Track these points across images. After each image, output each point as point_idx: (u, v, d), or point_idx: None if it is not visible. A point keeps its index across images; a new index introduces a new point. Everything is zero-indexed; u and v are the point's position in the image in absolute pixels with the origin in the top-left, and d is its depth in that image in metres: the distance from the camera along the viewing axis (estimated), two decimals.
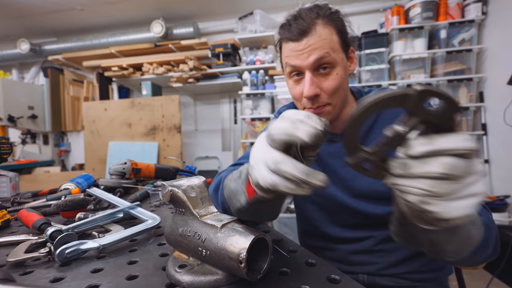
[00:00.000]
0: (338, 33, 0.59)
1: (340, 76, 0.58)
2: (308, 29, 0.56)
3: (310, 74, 0.57)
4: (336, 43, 0.58)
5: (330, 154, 0.68)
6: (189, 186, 0.42)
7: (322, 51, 0.56)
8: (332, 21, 0.58)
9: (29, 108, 2.99)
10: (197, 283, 0.35)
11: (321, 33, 0.56)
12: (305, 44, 0.56)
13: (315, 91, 0.57)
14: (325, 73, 0.58)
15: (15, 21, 2.98)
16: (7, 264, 0.44)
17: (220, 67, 2.59)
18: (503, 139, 2.03)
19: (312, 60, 0.56)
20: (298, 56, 0.57)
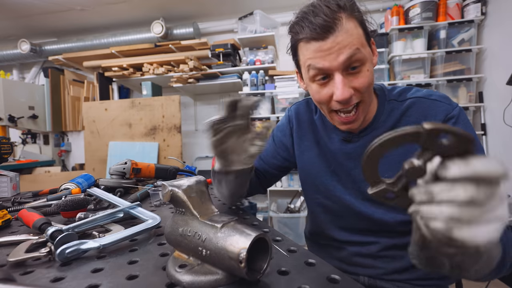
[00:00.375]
0: (361, 25, 0.53)
1: (370, 72, 0.53)
2: (334, 25, 0.49)
3: (341, 76, 0.51)
4: (362, 37, 0.52)
5: (345, 154, 0.65)
6: (189, 186, 0.42)
7: (352, 48, 0.49)
8: (354, 12, 0.51)
9: (29, 108, 2.99)
10: (197, 283, 0.35)
11: (347, 28, 0.49)
12: (332, 42, 0.49)
13: (349, 93, 0.51)
14: (356, 71, 0.52)
15: (15, 21, 2.98)
16: (7, 264, 0.44)
17: (220, 67, 2.59)
18: (503, 139, 2.03)
19: (342, 60, 0.50)
20: (325, 56, 0.50)
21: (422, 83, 2.23)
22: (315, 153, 0.72)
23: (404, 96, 0.62)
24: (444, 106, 0.57)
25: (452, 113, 0.55)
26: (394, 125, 0.61)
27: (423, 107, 0.58)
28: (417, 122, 0.58)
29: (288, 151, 0.79)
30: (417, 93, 0.61)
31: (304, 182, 0.77)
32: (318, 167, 0.71)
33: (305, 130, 0.74)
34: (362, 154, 0.59)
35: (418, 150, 0.29)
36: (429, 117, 0.57)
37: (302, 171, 0.76)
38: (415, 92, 0.61)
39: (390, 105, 0.62)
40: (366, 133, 0.63)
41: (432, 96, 0.59)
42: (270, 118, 2.48)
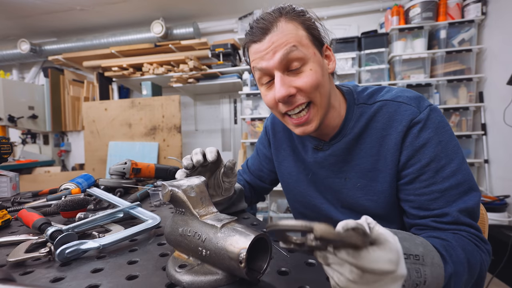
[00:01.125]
0: (306, 29, 0.53)
1: (315, 71, 0.52)
2: (270, 26, 0.51)
3: (279, 74, 0.52)
4: (303, 37, 0.52)
5: (317, 163, 0.65)
6: (189, 186, 0.42)
7: (287, 46, 0.50)
8: (297, 17, 0.53)
9: (29, 108, 2.99)
10: (197, 283, 0.35)
11: (284, 29, 0.51)
12: (268, 42, 0.51)
13: (287, 90, 0.51)
14: (297, 71, 0.52)
15: (15, 21, 2.98)
16: (7, 264, 0.44)
17: (220, 67, 2.59)
18: (503, 139, 2.03)
19: (278, 58, 0.50)
20: (263, 56, 0.52)
21: (422, 83, 2.22)
22: (292, 162, 0.72)
23: (374, 98, 0.59)
24: (410, 110, 0.52)
25: (419, 117, 0.51)
26: (361, 131, 0.58)
27: (390, 111, 0.55)
28: (384, 128, 0.55)
29: (271, 163, 0.80)
30: (386, 94, 0.57)
31: (285, 191, 0.77)
32: (296, 176, 0.71)
33: (281, 140, 0.74)
34: (334, 163, 0.58)
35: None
36: (395, 122, 0.53)
37: (282, 181, 0.77)
38: (385, 94, 0.58)
39: (359, 109, 0.59)
40: (336, 141, 0.61)
41: (399, 98, 0.55)
42: None
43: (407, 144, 0.52)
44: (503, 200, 1.91)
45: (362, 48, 2.36)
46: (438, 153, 0.49)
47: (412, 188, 0.52)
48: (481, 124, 2.19)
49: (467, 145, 2.22)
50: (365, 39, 2.35)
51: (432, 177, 0.49)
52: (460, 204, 0.47)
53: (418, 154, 0.51)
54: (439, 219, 0.48)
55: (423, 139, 0.50)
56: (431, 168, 0.49)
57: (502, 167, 2.06)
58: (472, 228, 0.47)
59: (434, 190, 0.49)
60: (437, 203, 0.49)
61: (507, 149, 1.99)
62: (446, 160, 0.49)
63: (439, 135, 0.50)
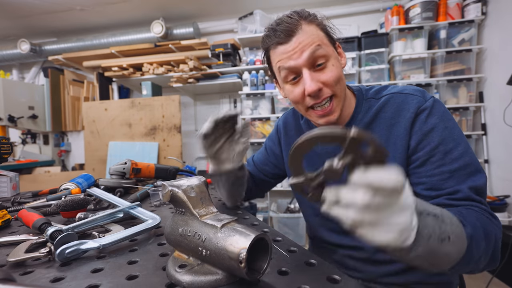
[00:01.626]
0: (323, 29, 0.59)
1: (336, 66, 0.58)
2: (295, 28, 0.56)
3: (308, 71, 0.57)
4: (323, 37, 0.58)
5: (328, 154, 0.68)
6: (189, 186, 0.42)
7: (314, 45, 0.55)
8: (313, 20, 0.59)
9: (29, 108, 2.99)
10: (197, 283, 0.35)
11: (307, 30, 0.56)
12: (295, 43, 0.56)
13: (317, 85, 0.56)
14: (322, 67, 0.57)
15: (15, 21, 2.98)
16: (7, 264, 0.44)
17: (220, 67, 2.59)
18: (503, 139, 2.03)
19: (306, 56, 0.56)
20: (291, 56, 0.57)
21: (422, 83, 2.22)
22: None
23: (380, 93, 0.65)
24: (416, 99, 0.58)
25: (425, 105, 0.57)
26: (371, 121, 0.63)
27: (397, 102, 0.61)
28: (392, 117, 0.60)
29: (278, 159, 0.85)
30: (392, 89, 0.64)
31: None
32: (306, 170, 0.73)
33: (292, 137, 0.78)
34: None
35: (341, 152, 0.31)
36: (403, 110, 0.59)
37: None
38: (391, 89, 0.64)
39: (368, 103, 0.65)
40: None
41: (405, 90, 0.62)
42: (270, 118, 2.48)
43: (416, 129, 0.57)
44: (503, 200, 1.91)
45: (362, 48, 2.36)
46: (446, 137, 0.54)
47: (424, 171, 0.55)
48: (481, 124, 2.19)
49: None
50: (365, 39, 2.35)
51: (442, 158, 0.53)
52: (469, 182, 0.51)
53: (427, 138, 0.55)
54: (452, 196, 0.51)
55: (431, 124, 0.55)
56: (440, 150, 0.53)
57: (502, 167, 2.06)
58: (483, 205, 0.50)
59: (444, 170, 0.52)
60: (448, 182, 0.52)
61: (507, 149, 1.99)
62: (453, 143, 0.53)
63: (445, 121, 0.55)
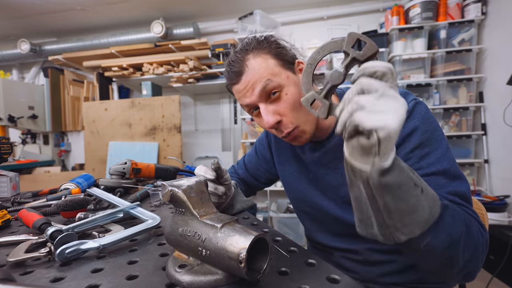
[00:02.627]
0: (274, 56, 0.58)
1: (291, 94, 0.57)
2: (242, 68, 0.57)
3: (263, 105, 0.57)
4: (273, 67, 0.57)
5: (315, 162, 0.68)
6: (189, 186, 0.42)
7: (262, 81, 0.55)
8: (262, 49, 0.58)
9: (29, 108, 2.99)
10: (197, 283, 0.35)
11: (254, 67, 0.56)
12: (244, 82, 0.57)
13: (274, 118, 0.57)
14: (276, 97, 0.57)
15: (15, 21, 2.98)
16: (7, 264, 0.44)
17: (220, 67, 2.59)
18: (503, 139, 2.03)
19: (257, 94, 0.56)
20: (244, 94, 0.58)
21: (422, 83, 2.23)
22: (293, 163, 0.76)
23: None
24: None
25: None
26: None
27: None
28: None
29: (269, 164, 0.85)
30: None
31: (287, 191, 0.81)
32: (297, 177, 0.75)
33: (283, 144, 0.78)
34: (330, 160, 0.64)
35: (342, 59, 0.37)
36: None
37: (284, 182, 0.81)
38: None
39: None
40: (330, 140, 0.65)
41: None
42: None
43: None
44: (503, 200, 1.91)
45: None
46: (423, 141, 0.52)
47: None
48: (481, 124, 2.19)
49: (467, 145, 2.22)
50: None
51: (417, 162, 0.51)
52: (449, 187, 0.48)
53: (404, 142, 0.53)
54: None
55: (409, 129, 0.53)
56: (415, 154, 0.52)
57: (502, 167, 2.06)
58: (470, 210, 0.46)
59: (419, 174, 0.49)
60: None
61: (507, 149, 1.99)
62: (430, 148, 0.51)
63: (425, 124, 0.53)
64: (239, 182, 0.88)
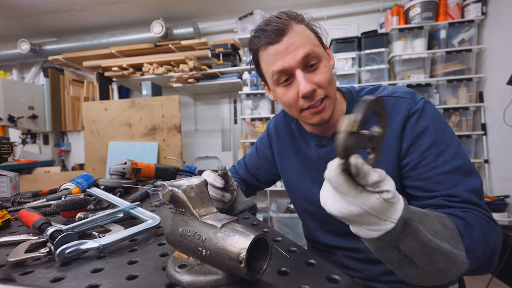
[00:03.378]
0: (312, 30, 0.58)
1: (328, 68, 0.57)
2: (285, 28, 0.54)
3: (301, 72, 0.55)
4: (314, 38, 0.57)
5: (321, 158, 0.68)
6: (189, 186, 0.42)
7: (307, 48, 0.54)
8: (302, 20, 0.58)
9: (29, 108, 2.99)
10: (197, 283, 0.35)
11: (298, 30, 0.55)
12: (287, 43, 0.54)
13: (312, 86, 0.55)
14: (314, 68, 0.56)
15: (15, 21, 2.98)
16: (7, 264, 0.44)
17: (220, 67, 2.59)
18: (503, 139, 2.03)
19: (300, 57, 0.54)
20: (284, 57, 0.55)
21: (422, 83, 2.22)
22: (296, 161, 0.75)
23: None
24: (406, 102, 0.57)
25: (415, 107, 0.56)
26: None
27: (388, 106, 0.60)
28: None
29: (270, 164, 0.84)
30: (382, 92, 0.63)
31: (289, 190, 0.80)
32: (300, 175, 0.74)
33: (284, 141, 0.78)
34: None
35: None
36: (393, 114, 0.58)
37: (285, 180, 0.80)
38: (381, 91, 0.63)
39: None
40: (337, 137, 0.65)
41: (395, 93, 0.60)
42: (270, 118, 2.48)
43: (407, 133, 0.56)
44: (503, 200, 1.91)
45: (362, 48, 2.36)
46: (436, 139, 0.53)
47: (416, 174, 0.54)
48: (481, 124, 2.19)
49: (467, 145, 2.22)
50: (365, 39, 2.35)
51: (434, 161, 0.52)
52: (465, 185, 0.49)
53: (418, 140, 0.54)
54: (449, 198, 0.50)
55: (421, 127, 0.54)
56: (431, 152, 0.52)
57: (502, 167, 2.06)
58: (482, 209, 0.48)
59: (437, 173, 0.51)
60: (443, 185, 0.51)
61: (507, 149, 1.99)
62: (444, 145, 0.52)
63: (436, 123, 0.54)
64: (240, 182, 0.88)
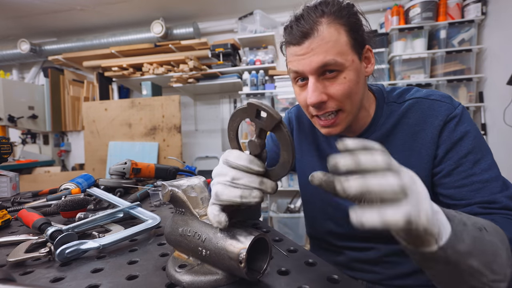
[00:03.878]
0: (349, 31, 0.52)
1: (348, 80, 0.52)
2: (310, 31, 0.50)
3: (313, 80, 0.52)
4: (344, 44, 0.51)
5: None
6: (189, 186, 0.42)
7: (327, 57, 0.50)
8: (340, 18, 0.51)
9: (29, 108, 2.99)
10: (197, 283, 0.35)
11: (324, 35, 0.50)
12: (307, 48, 0.51)
13: (319, 97, 0.52)
14: (331, 76, 0.52)
15: (15, 21, 2.98)
16: (7, 264, 0.44)
17: (220, 67, 2.59)
18: (503, 139, 2.03)
19: (315, 66, 0.51)
20: (299, 61, 0.52)
21: (422, 83, 2.22)
22: (315, 157, 0.71)
23: (403, 97, 0.61)
24: (445, 106, 0.55)
25: (455, 112, 0.53)
26: (393, 127, 0.59)
27: (423, 108, 0.57)
28: (417, 124, 0.57)
29: None
30: (416, 93, 0.60)
31: (304, 186, 0.76)
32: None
33: (306, 134, 0.74)
34: None
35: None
36: (430, 117, 0.55)
37: (301, 175, 0.76)
38: (415, 93, 0.60)
39: (389, 107, 0.61)
40: (364, 137, 0.60)
41: (432, 96, 0.57)
42: None
43: (445, 138, 0.53)
44: None
45: None
46: (475, 146, 0.51)
47: (450, 181, 0.52)
48: (481, 124, 2.19)
49: None
50: None
51: (471, 168, 0.50)
52: (506, 192, 0.47)
53: (456, 146, 0.52)
54: (488, 205, 0.46)
55: (461, 133, 0.52)
56: (468, 159, 0.50)
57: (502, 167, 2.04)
58: None
59: (475, 180, 0.49)
60: (481, 193, 0.48)
61: (507, 149, 1.99)
62: (481, 154, 0.50)
63: (474, 130, 0.53)
64: None
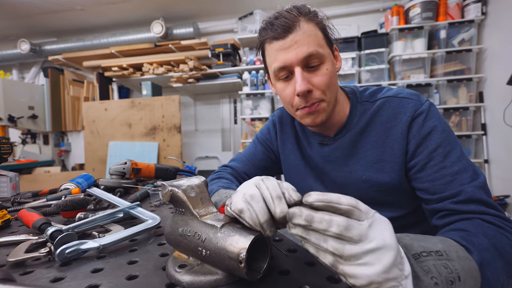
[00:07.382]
0: (321, 29, 0.58)
1: (330, 71, 0.57)
2: (292, 25, 0.54)
3: (300, 70, 0.55)
4: (321, 39, 0.57)
5: (323, 157, 0.68)
6: (189, 186, 0.42)
7: (310, 48, 0.54)
8: (314, 18, 0.57)
9: (29, 108, 2.99)
10: (197, 283, 0.35)
11: (306, 29, 0.55)
12: (291, 41, 0.54)
13: (307, 86, 0.55)
14: (315, 69, 0.56)
15: (15, 21, 2.98)
16: (7, 264, 0.44)
17: (220, 67, 2.59)
18: (503, 139, 2.03)
19: (301, 56, 0.54)
20: (286, 54, 0.55)
21: (422, 83, 2.23)
22: (298, 156, 0.75)
23: (375, 96, 0.64)
24: (412, 103, 0.58)
25: (421, 108, 0.56)
26: (366, 125, 0.63)
27: (393, 105, 0.60)
28: (388, 121, 0.60)
29: (276, 155, 0.82)
30: (387, 92, 0.63)
31: (291, 184, 0.77)
32: (302, 170, 0.74)
33: (287, 134, 0.77)
34: (339, 157, 0.62)
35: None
36: (399, 114, 0.58)
37: (287, 174, 0.79)
38: (386, 92, 0.63)
39: (363, 106, 0.64)
40: (340, 136, 0.65)
41: (401, 94, 0.61)
42: None
43: (414, 134, 0.56)
44: (503, 200, 1.91)
45: (362, 48, 2.36)
46: (443, 139, 0.53)
47: (424, 175, 0.54)
48: (481, 124, 2.19)
49: (467, 145, 2.22)
50: (365, 39, 2.35)
51: (441, 161, 0.52)
52: (474, 183, 0.49)
53: (425, 141, 0.54)
54: (455, 198, 0.49)
55: (428, 128, 0.54)
56: (438, 153, 0.53)
57: (502, 167, 2.06)
58: (491, 208, 0.47)
59: (445, 174, 0.51)
60: (451, 186, 0.50)
61: (507, 149, 1.99)
62: (450, 146, 0.52)
63: (442, 124, 0.55)
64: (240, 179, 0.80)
